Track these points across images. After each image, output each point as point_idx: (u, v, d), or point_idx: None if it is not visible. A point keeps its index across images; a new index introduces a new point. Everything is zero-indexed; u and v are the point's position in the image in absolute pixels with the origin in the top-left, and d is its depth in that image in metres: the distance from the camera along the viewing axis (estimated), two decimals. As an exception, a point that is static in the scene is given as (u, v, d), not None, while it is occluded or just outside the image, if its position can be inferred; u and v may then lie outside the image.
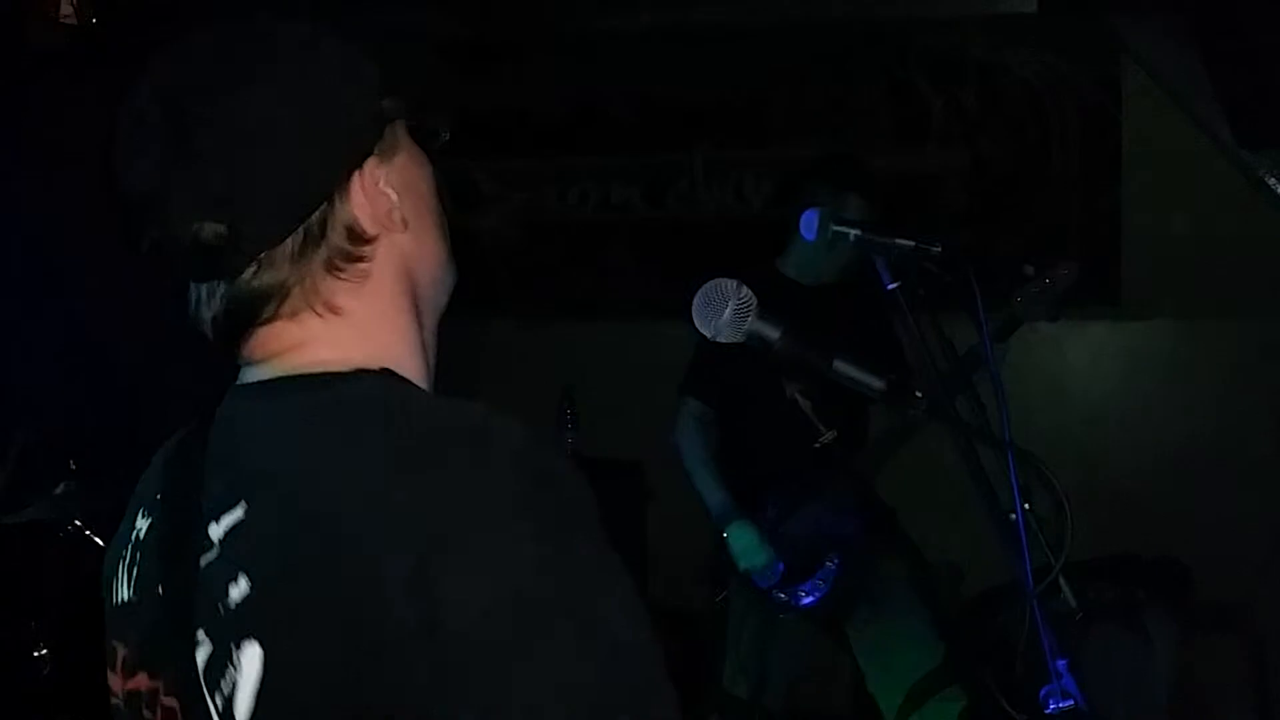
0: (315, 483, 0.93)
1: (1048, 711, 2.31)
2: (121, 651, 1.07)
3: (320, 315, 1.05)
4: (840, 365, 1.52)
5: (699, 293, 1.44)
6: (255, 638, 0.92)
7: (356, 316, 1.06)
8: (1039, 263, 3.22)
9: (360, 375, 1.02)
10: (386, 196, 1.06)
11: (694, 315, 1.44)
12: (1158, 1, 3.58)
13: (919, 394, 1.60)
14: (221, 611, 0.95)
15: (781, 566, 3.35)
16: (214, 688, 0.95)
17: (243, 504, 0.97)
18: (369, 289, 1.06)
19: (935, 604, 3.60)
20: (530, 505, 0.90)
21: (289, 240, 1.02)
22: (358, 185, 1.04)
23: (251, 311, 1.04)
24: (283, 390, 1.03)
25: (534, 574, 0.88)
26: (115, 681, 1.07)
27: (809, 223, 2.67)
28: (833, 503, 3.40)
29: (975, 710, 3.38)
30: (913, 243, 2.59)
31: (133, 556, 1.08)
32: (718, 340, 1.45)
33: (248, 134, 0.99)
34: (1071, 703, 2.35)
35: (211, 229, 0.99)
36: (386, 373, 1.03)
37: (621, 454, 4.35)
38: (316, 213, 1.02)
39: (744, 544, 3.32)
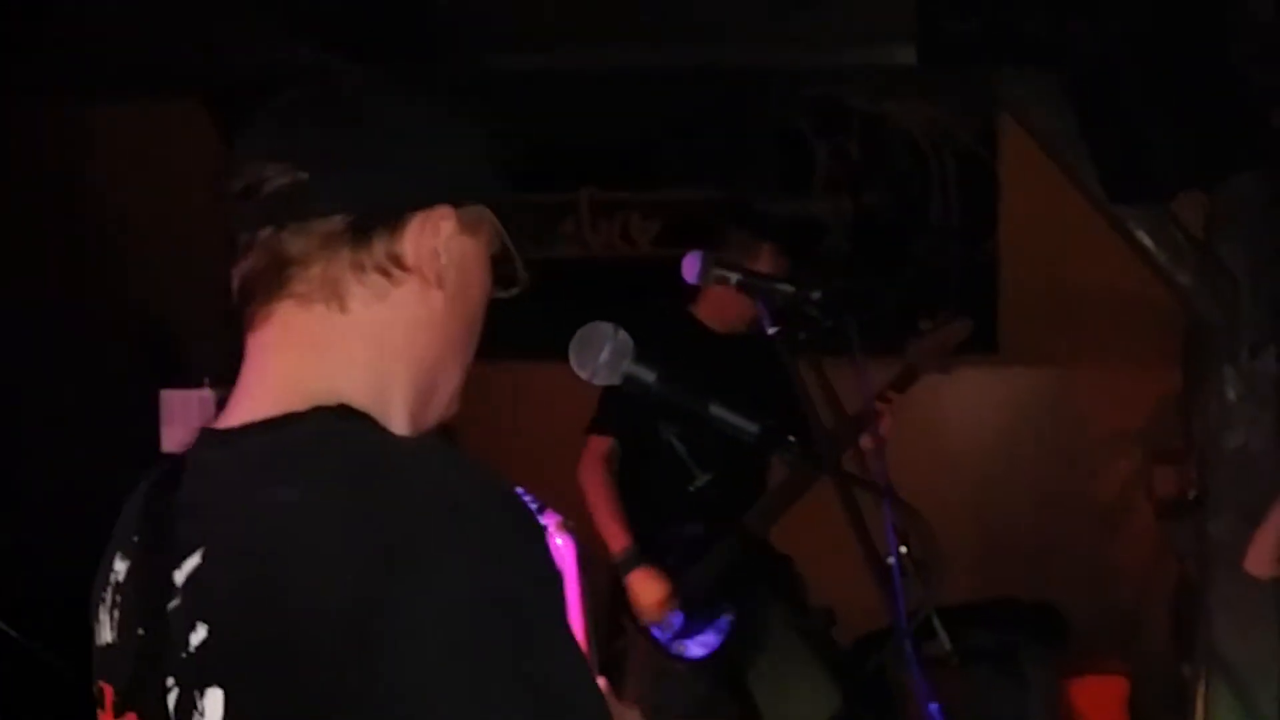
0: (264, 528, 0.96)
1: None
2: (110, 693, 1.08)
3: (327, 307, 1.06)
4: (716, 409, 1.51)
5: (576, 335, 1.43)
6: (217, 683, 0.96)
7: (359, 326, 1.07)
8: (933, 316, 3.32)
9: (314, 414, 1.03)
10: (438, 249, 1.08)
11: (571, 357, 1.42)
12: (1033, 58, 3.67)
13: (792, 439, 1.60)
14: (185, 657, 0.98)
15: (680, 618, 3.33)
16: None
17: (199, 551, 0.99)
18: (381, 310, 1.08)
19: (825, 651, 3.62)
20: (465, 555, 0.92)
21: (337, 219, 1.05)
22: (419, 219, 1.07)
23: (273, 271, 1.06)
24: (243, 436, 1.05)
25: (468, 609, 0.90)
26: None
27: (691, 266, 2.68)
28: (730, 553, 3.39)
29: None
30: (793, 288, 2.62)
31: (113, 599, 1.10)
32: (595, 381, 1.43)
33: (364, 121, 1.09)
34: (946, 747, 2.37)
35: (287, 175, 1.05)
36: (342, 409, 1.04)
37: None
38: (373, 213, 1.06)
39: (645, 593, 3.30)
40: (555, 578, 0.98)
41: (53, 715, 3.26)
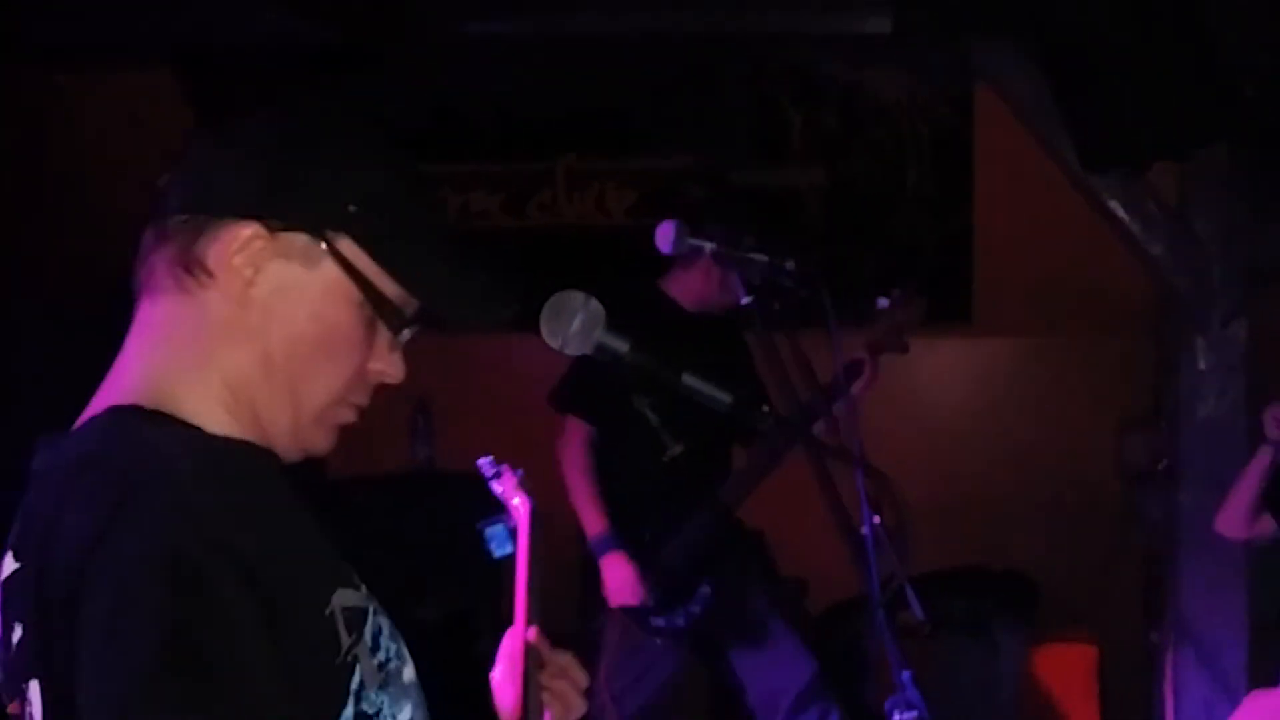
0: (52, 535, 1.05)
1: (890, 723, 2.33)
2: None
3: (150, 299, 1.16)
4: (688, 380, 1.51)
5: (547, 304, 1.41)
6: (34, 676, 1.06)
7: (167, 318, 1.15)
8: (891, 296, 3.34)
9: (108, 414, 1.11)
10: (241, 263, 1.13)
11: (541, 326, 1.41)
12: (1008, 28, 3.67)
13: (766, 409, 1.60)
14: (9, 654, 1.09)
15: (653, 599, 3.35)
16: (23, 718, 1.09)
17: (11, 554, 1.10)
18: (182, 303, 1.14)
19: (798, 620, 3.65)
20: (137, 519, 1.00)
21: (176, 219, 1.14)
22: (228, 230, 1.12)
23: (140, 262, 1.16)
24: (62, 443, 1.13)
25: (109, 594, 0.98)
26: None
27: (665, 235, 2.67)
28: (705, 529, 3.40)
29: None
30: (767, 258, 2.62)
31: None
32: (566, 351, 1.42)
33: (242, 135, 1.18)
34: (915, 714, 2.38)
35: (165, 179, 1.17)
36: (132, 409, 1.11)
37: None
38: (200, 215, 1.13)
39: (616, 578, 3.31)
40: (229, 631, 1.00)
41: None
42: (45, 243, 4.96)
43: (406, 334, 1.19)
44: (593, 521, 3.35)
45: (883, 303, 3.36)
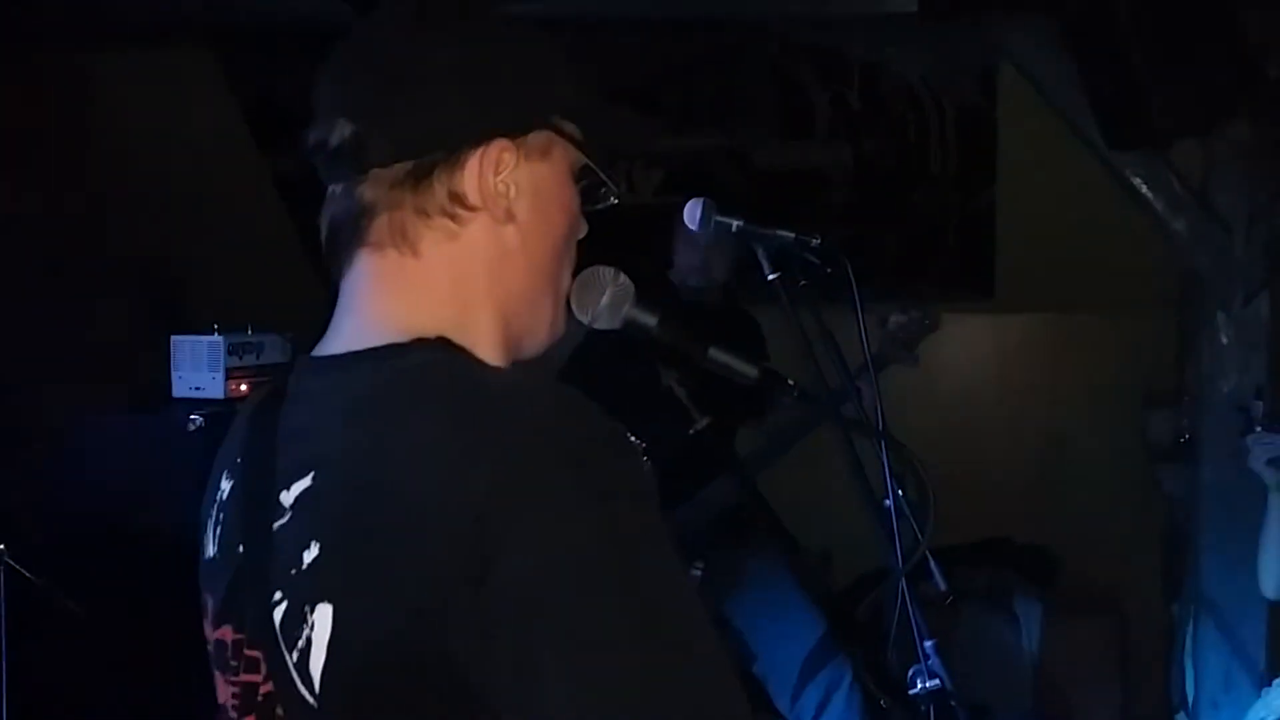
0: (377, 452, 0.98)
1: (913, 691, 2.39)
2: (210, 604, 1.13)
3: (400, 253, 1.09)
4: (715, 353, 1.56)
5: (577, 279, 1.46)
6: (327, 599, 0.98)
7: (434, 269, 1.09)
8: (907, 312, 3.40)
9: (417, 345, 1.06)
10: (501, 184, 1.09)
11: (571, 301, 1.46)
12: (1033, 6, 3.68)
13: (791, 382, 1.65)
14: (295, 574, 1.01)
15: None
16: (291, 643, 1.00)
17: (311, 474, 1.02)
18: (453, 251, 1.09)
19: (811, 584, 3.69)
20: (568, 477, 0.93)
21: (397, 167, 1.07)
22: (476, 156, 1.08)
23: (350, 221, 1.10)
24: (347, 366, 1.07)
25: (576, 542, 0.92)
26: (208, 630, 1.13)
27: (692, 213, 2.71)
28: (706, 503, 3.45)
29: (860, 678, 3.49)
30: (792, 234, 2.66)
31: (217, 516, 1.13)
32: (595, 326, 1.47)
33: (411, 65, 1.09)
34: (937, 682, 2.43)
35: (343, 130, 1.08)
36: (443, 341, 1.06)
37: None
38: (430, 157, 1.07)
39: None
40: (658, 515, 0.98)
41: (66, 654, 3.34)
42: (89, 224, 5.03)
43: (611, 194, 1.19)
44: None
45: (897, 318, 3.41)
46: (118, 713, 3.40)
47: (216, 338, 3.81)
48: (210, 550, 1.14)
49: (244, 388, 3.79)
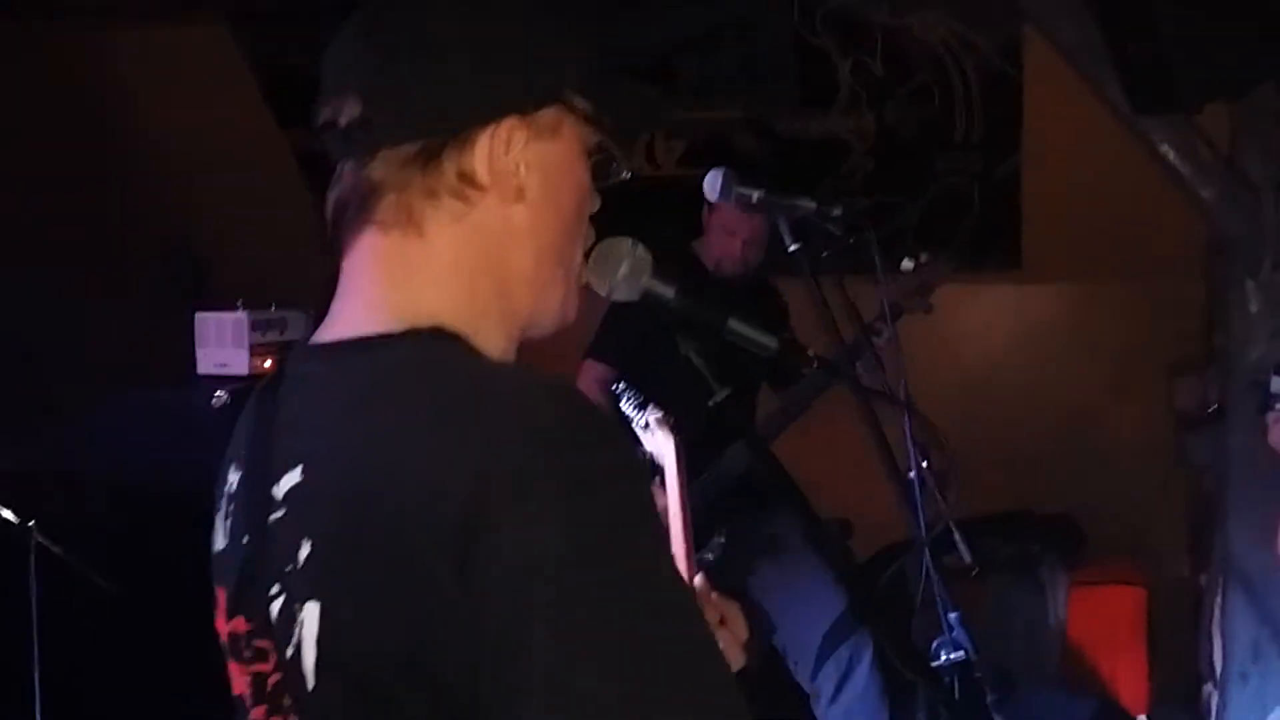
0: (364, 448, 0.98)
1: (937, 663, 2.38)
2: (222, 596, 1.12)
3: (405, 234, 1.07)
4: (735, 324, 1.55)
5: (594, 250, 1.45)
6: (315, 597, 0.99)
7: (440, 250, 1.08)
8: (917, 259, 3.38)
9: (410, 336, 1.04)
10: (512, 162, 1.07)
11: (588, 272, 1.45)
12: (1057, -31, 3.64)
13: (811, 353, 1.63)
14: (290, 570, 1.01)
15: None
16: (285, 638, 1.01)
17: (300, 467, 1.02)
18: (460, 232, 1.08)
19: (832, 556, 3.68)
20: (555, 471, 0.92)
21: (406, 147, 1.06)
22: (486, 135, 1.07)
23: (357, 200, 1.08)
24: (339, 356, 1.06)
25: (561, 537, 0.90)
26: (220, 622, 1.12)
27: (713, 184, 2.70)
28: (739, 466, 3.44)
29: (882, 651, 3.49)
30: (814, 204, 2.64)
31: (226, 508, 1.13)
32: (614, 298, 1.46)
33: (420, 40, 1.07)
34: (962, 653, 2.43)
35: (352, 108, 1.07)
36: (435, 331, 1.05)
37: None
38: (439, 137, 1.06)
39: None
40: (652, 512, 0.98)
41: (92, 628, 3.37)
42: (104, 200, 5.05)
43: (623, 169, 1.18)
44: None
45: (907, 264, 3.39)
46: (145, 687, 3.43)
47: (240, 314, 3.84)
48: (220, 542, 1.14)
49: (268, 364, 3.82)
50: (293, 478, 1.02)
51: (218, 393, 3.63)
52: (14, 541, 3.07)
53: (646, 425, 1.91)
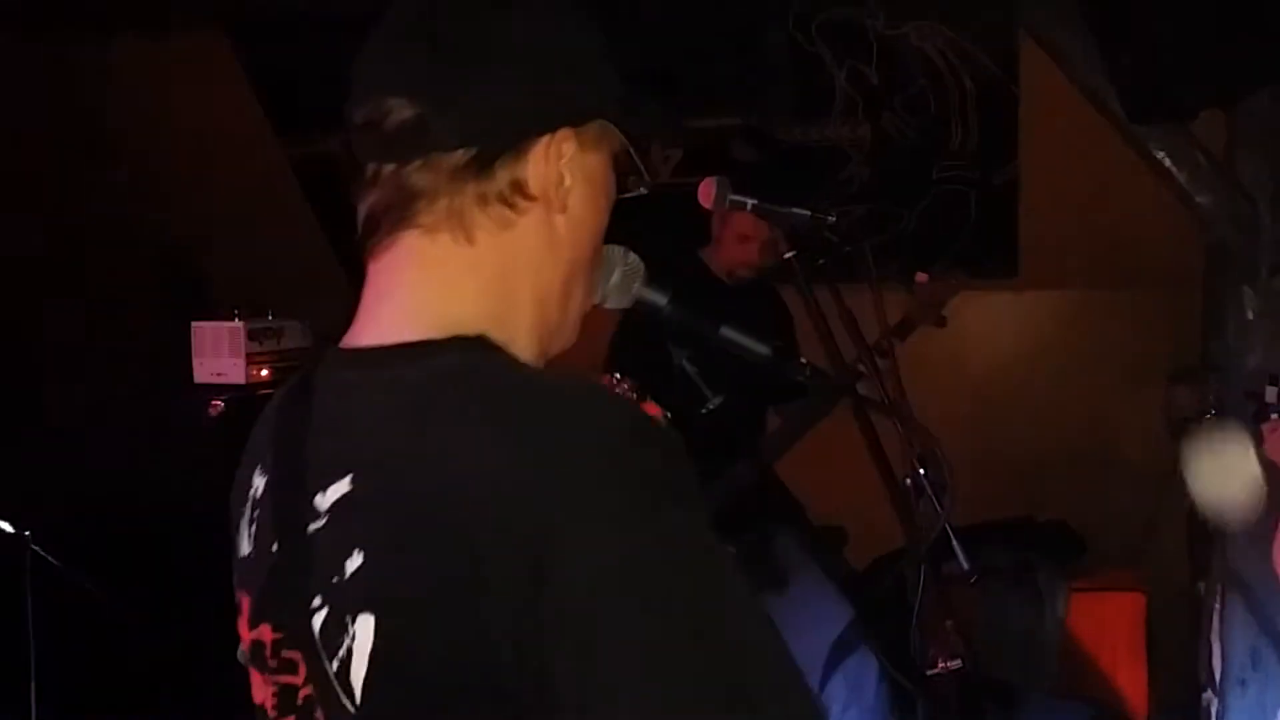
0: (420, 457, 0.95)
1: (934, 671, 2.38)
2: (246, 603, 1.10)
3: (454, 239, 1.06)
4: (727, 332, 1.55)
5: None
6: (370, 610, 0.96)
7: (485, 258, 1.07)
8: (931, 270, 3.40)
9: (456, 344, 1.03)
10: (557, 173, 1.08)
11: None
12: (1053, -23, 3.65)
13: (804, 361, 1.63)
14: (336, 581, 0.98)
15: None
16: (331, 651, 0.98)
17: (349, 477, 0.99)
18: (506, 240, 1.07)
19: (835, 569, 3.68)
20: (626, 482, 0.91)
21: (460, 153, 1.05)
22: (542, 145, 1.07)
23: (403, 202, 1.06)
24: (383, 361, 1.04)
25: (633, 556, 0.89)
26: (243, 629, 1.11)
27: (707, 191, 2.70)
28: (742, 482, 3.44)
29: (886, 668, 3.48)
30: (808, 212, 2.64)
31: (251, 513, 1.11)
32: (605, 305, 1.47)
33: (479, 46, 1.05)
34: (960, 662, 2.42)
35: (402, 111, 1.04)
36: (481, 340, 1.04)
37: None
38: (495, 146, 1.05)
39: None
40: (708, 521, 0.96)
41: (87, 637, 3.37)
42: (109, 211, 5.06)
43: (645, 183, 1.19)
44: None
45: (921, 277, 3.40)
46: (141, 697, 3.43)
47: (237, 323, 3.84)
48: (245, 548, 1.12)
49: (264, 373, 3.81)
50: (340, 487, 1.00)
51: (214, 401, 3.63)
52: (10, 552, 3.06)
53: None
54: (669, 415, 1.88)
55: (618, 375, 1.80)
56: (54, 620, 3.11)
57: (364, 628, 0.96)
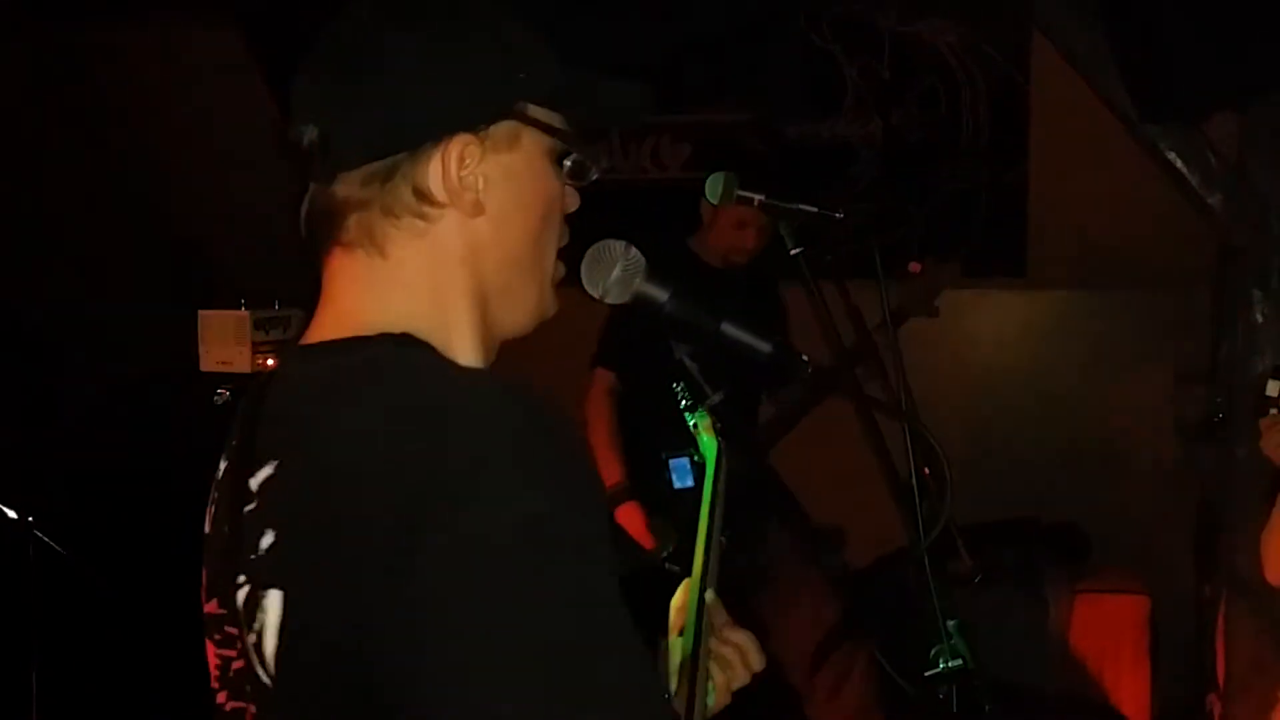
0: (327, 442, 1.01)
1: (935, 671, 2.37)
2: (205, 577, 1.16)
3: (369, 254, 1.11)
4: (728, 328, 1.54)
5: (587, 253, 1.45)
6: (277, 585, 1.02)
7: (404, 268, 1.11)
8: (924, 261, 3.37)
9: (380, 339, 1.08)
10: (470, 177, 1.10)
11: (582, 275, 1.44)
12: (1066, -24, 3.63)
13: (805, 358, 1.63)
14: (254, 559, 1.04)
15: (668, 550, 3.39)
16: (250, 625, 1.04)
17: (273, 461, 1.06)
18: (423, 248, 1.11)
19: (828, 563, 3.68)
20: (500, 467, 0.95)
21: (363, 170, 1.09)
22: (439, 152, 1.09)
23: (323, 223, 1.12)
24: (319, 354, 1.10)
25: (500, 536, 0.93)
26: (203, 601, 1.16)
27: (714, 187, 2.69)
28: (736, 474, 3.42)
29: (874, 658, 3.47)
30: (815, 209, 2.63)
31: (213, 495, 1.17)
32: (606, 300, 1.46)
33: (369, 63, 1.09)
34: (961, 662, 2.41)
35: (310, 133, 1.10)
36: (405, 337, 1.08)
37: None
38: (392, 157, 1.09)
39: (630, 528, 3.36)
40: (596, 510, 1.01)
41: (89, 624, 3.37)
42: (117, 200, 5.06)
43: (594, 170, 1.19)
44: (610, 472, 3.39)
45: (914, 267, 3.39)
46: (144, 684, 3.44)
47: (243, 312, 3.84)
48: (207, 527, 1.17)
49: (270, 362, 3.81)
50: (266, 471, 1.06)
51: (219, 390, 3.64)
52: (14, 539, 3.07)
53: (695, 426, 1.91)
54: (719, 426, 1.87)
55: (679, 385, 1.78)
56: (57, 606, 3.11)
57: (274, 603, 1.01)
